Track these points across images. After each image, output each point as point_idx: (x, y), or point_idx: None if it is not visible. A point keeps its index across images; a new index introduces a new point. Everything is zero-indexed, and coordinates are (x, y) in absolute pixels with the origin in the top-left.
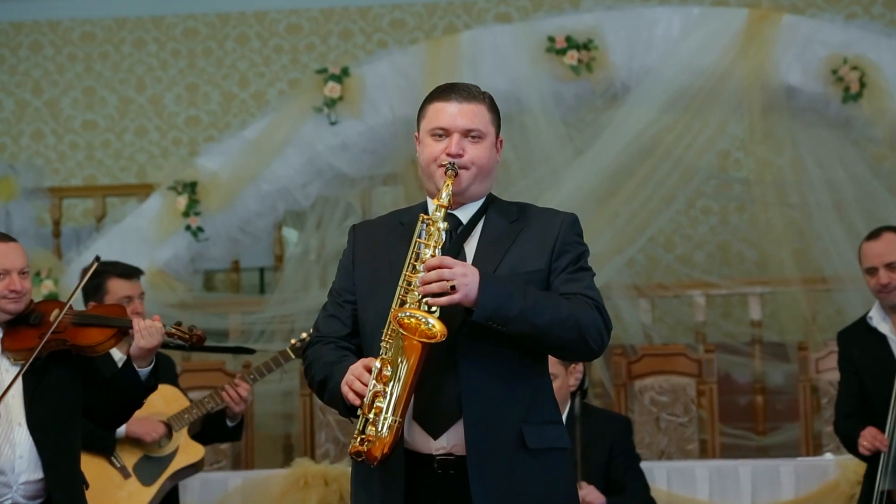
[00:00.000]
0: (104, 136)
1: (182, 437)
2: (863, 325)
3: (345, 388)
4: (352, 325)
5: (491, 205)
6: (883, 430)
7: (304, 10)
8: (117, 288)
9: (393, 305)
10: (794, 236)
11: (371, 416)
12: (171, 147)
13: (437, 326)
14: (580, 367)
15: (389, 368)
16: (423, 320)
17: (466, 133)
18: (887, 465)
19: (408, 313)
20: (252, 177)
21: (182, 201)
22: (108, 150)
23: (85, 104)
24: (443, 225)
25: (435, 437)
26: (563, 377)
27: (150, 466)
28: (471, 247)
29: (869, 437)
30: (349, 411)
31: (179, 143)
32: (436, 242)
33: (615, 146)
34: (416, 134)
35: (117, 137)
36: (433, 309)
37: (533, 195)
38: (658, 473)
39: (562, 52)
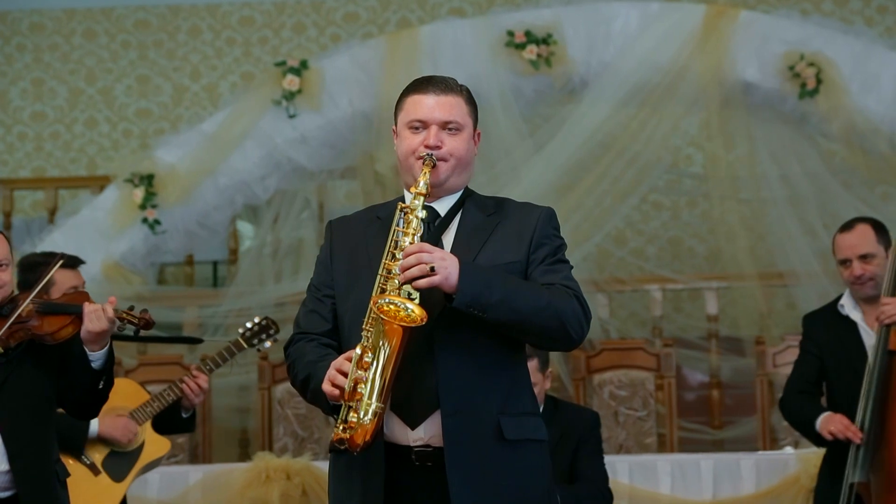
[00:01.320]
0: (53, 128)
1: (146, 431)
2: (832, 310)
3: (327, 383)
4: (332, 321)
5: (468, 198)
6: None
7: (256, 2)
8: (64, 279)
9: (373, 293)
10: (749, 232)
11: (353, 403)
12: (122, 139)
13: (416, 312)
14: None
15: (370, 355)
16: (403, 307)
17: (444, 125)
18: (857, 456)
19: (388, 300)
20: (210, 170)
21: (139, 194)
22: (57, 142)
23: (34, 95)
24: (421, 213)
25: (413, 427)
26: (540, 384)
27: (119, 462)
28: (448, 239)
29: (840, 427)
30: (333, 409)
31: (130, 136)
32: (414, 230)
33: (574, 141)
34: (394, 128)
35: (67, 129)
36: (413, 296)
37: (492, 190)
38: (620, 467)
39: (521, 46)
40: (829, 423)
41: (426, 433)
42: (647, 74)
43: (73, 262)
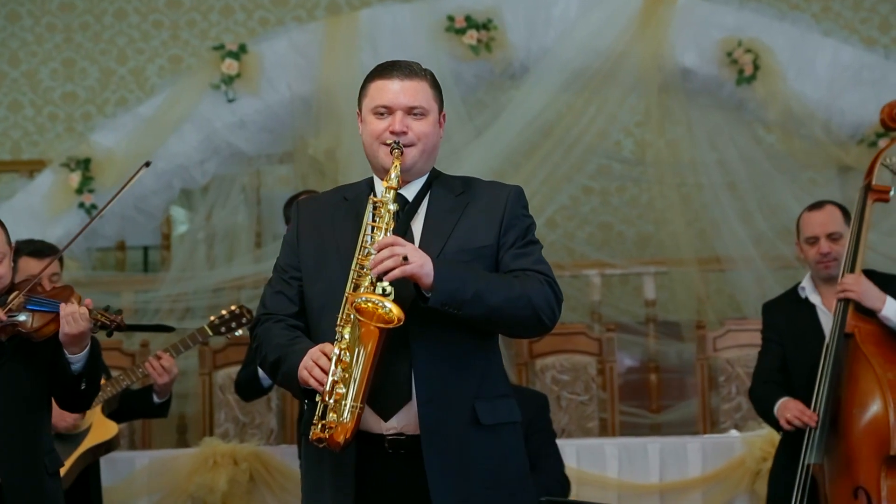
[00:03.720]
0: None
1: (95, 415)
2: (791, 296)
3: (304, 374)
4: (299, 302)
5: (435, 180)
6: (803, 402)
7: None
8: (25, 267)
9: (347, 290)
10: (687, 217)
11: (331, 402)
12: (47, 123)
13: (394, 310)
14: None
15: (348, 354)
16: (380, 304)
17: (409, 110)
18: (814, 439)
19: (364, 298)
20: (148, 154)
21: (75, 178)
22: None
23: None
24: (393, 207)
25: (385, 419)
26: None
27: (60, 445)
28: (418, 224)
29: (796, 412)
30: (305, 394)
31: (56, 119)
32: (387, 224)
33: (514, 126)
34: (358, 113)
35: None
36: (387, 292)
37: None
38: (568, 451)
39: (461, 31)
40: (785, 410)
41: (399, 423)
42: (586, 60)
43: (38, 252)
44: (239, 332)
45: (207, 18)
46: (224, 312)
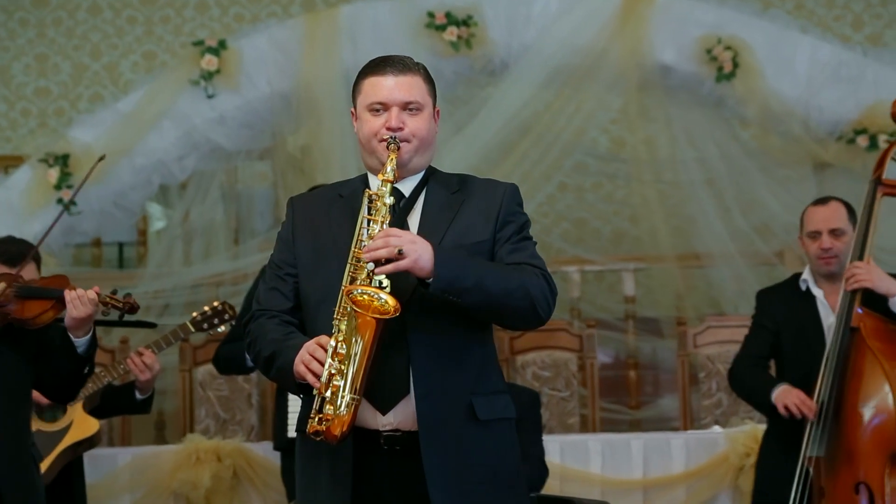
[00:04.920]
0: None
1: (76, 412)
2: (791, 286)
3: (301, 368)
4: (294, 299)
5: (431, 176)
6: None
7: None
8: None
9: (343, 282)
10: (665, 213)
11: (328, 394)
12: (20, 118)
13: (390, 301)
14: None
15: (345, 346)
16: (376, 296)
17: (405, 106)
18: (816, 431)
19: (360, 290)
20: (127, 150)
21: (54, 174)
22: None
23: None
24: (389, 200)
25: (383, 413)
26: None
27: (41, 440)
28: (414, 219)
29: (797, 400)
30: (300, 389)
31: (28, 115)
32: (383, 217)
33: (494, 123)
34: (353, 110)
35: None
36: (384, 284)
37: None
38: (551, 447)
39: (441, 28)
40: (786, 396)
41: (395, 418)
42: (566, 57)
43: (10, 259)
44: (221, 329)
45: (182, 14)
46: (206, 309)
